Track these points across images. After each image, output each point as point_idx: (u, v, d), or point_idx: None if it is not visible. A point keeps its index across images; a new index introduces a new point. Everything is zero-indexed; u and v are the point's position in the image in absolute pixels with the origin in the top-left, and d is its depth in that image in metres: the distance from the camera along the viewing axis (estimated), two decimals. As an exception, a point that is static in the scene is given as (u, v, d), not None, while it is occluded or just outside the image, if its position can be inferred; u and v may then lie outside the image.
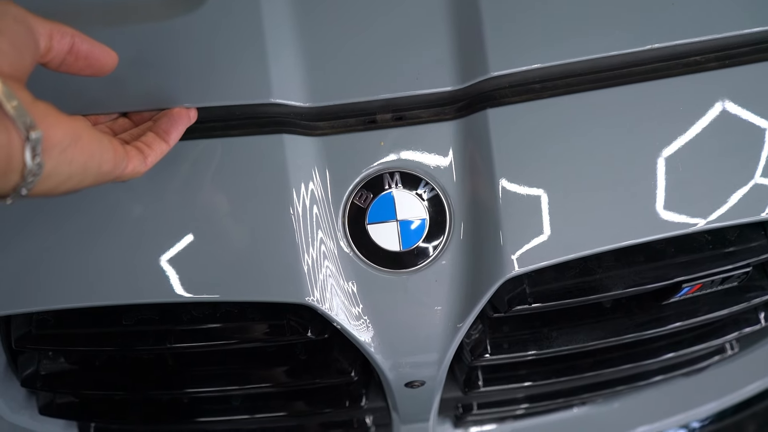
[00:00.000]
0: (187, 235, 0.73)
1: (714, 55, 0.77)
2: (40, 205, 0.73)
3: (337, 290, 0.74)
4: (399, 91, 0.75)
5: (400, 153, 0.74)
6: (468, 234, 0.74)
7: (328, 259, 0.74)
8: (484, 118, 0.73)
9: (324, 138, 0.74)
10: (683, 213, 0.74)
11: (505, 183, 0.72)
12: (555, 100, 0.73)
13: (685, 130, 0.74)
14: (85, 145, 0.55)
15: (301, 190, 0.73)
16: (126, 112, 0.73)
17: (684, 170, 0.74)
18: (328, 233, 0.74)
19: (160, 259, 0.72)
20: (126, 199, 0.73)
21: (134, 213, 0.73)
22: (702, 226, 0.74)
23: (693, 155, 0.74)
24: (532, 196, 0.73)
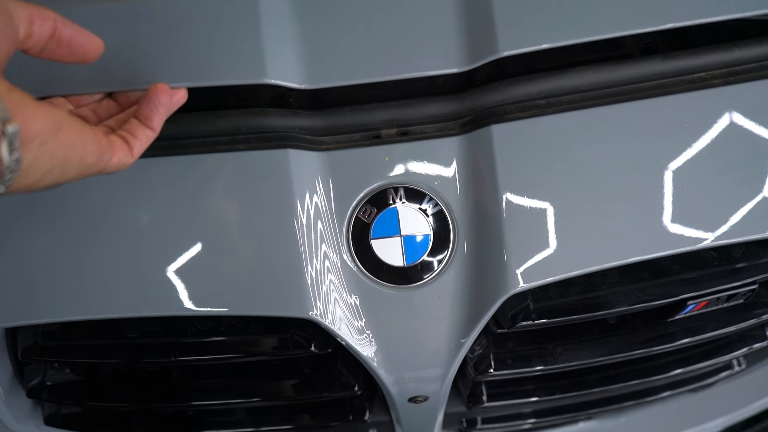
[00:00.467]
0: (193, 249, 0.73)
1: (719, 72, 0.77)
2: (48, 217, 0.74)
3: (340, 304, 0.74)
4: (402, 72, 0.72)
5: (405, 168, 0.75)
6: (472, 249, 0.74)
7: (332, 274, 0.74)
8: (488, 133, 0.73)
9: (329, 153, 0.75)
10: (689, 230, 0.74)
11: (509, 199, 0.72)
12: (559, 116, 0.74)
13: (690, 147, 0.74)
14: (66, 137, 0.52)
15: (306, 205, 0.73)
16: (111, 93, 0.70)
17: (689, 187, 0.74)
18: (332, 248, 0.74)
19: (165, 273, 0.73)
20: (133, 213, 0.74)
21: (141, 226, 0.73)
22: (708, 244, 0.74)
23: (698, 172, 0.74)
24: (537, 212, 0.73)
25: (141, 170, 0.73)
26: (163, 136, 0.74)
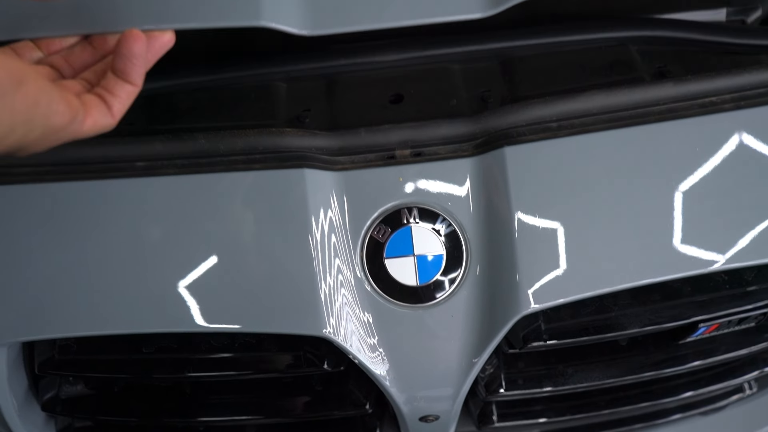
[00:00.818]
0: (208, 267, 0.74)
1: (729, 96, 0.77)
2: (65, 233, 0.75)
3: (353, 323, 0.75)
4: (416, 17, 0.67)
5: (419, 188, 0.76)
6: (484, 270, 0.75)
7: (346, 293, 0.75)
8: (501, 155, 0.74)
9: (344, 173, 0.76)
10: (700, 252, 0.74)
11: (522, 220, 0.73)
12: (572, 139, 0.75)
13: (702, 170, 0.75)
14: (30, 92, 0.47)
15: (321, 224, 0.74)
16: (87, 36, 0.61)
17: (700, 210, 0.74)
18: (346, 266, 0.75)
19: (181, 290, 0.74)
20: (149, 230, 0.75)
21: (157, 243, 0.75)
22: (719, 267, 0.74)
23: (709, 195, 0.75)
24: (549, 234, 0.73)
25: (160, 188, 0.75)
26: (182, 155, 0.76)
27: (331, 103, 0.83)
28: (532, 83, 0.83)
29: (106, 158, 0.76)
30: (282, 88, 0.85)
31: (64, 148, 0.76)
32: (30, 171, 0.77)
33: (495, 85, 0.83)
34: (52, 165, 0.77)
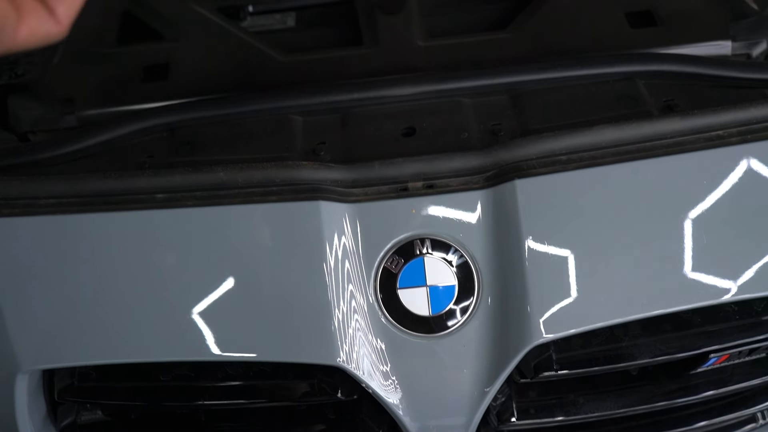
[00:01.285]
0: (225, 297, 0.76)
1: (736, 130, 0.79)
2: (85, 262, 0.77)
3: (367, 352, 0.76)
4: None
5: (431, 220, 0.77)
6: (496, 300, 0.76)
7: (360, 323, 0.76)
8: (512, 188, 0.76)
9: (358, 205, 0.78)
10: (711, 284, 0.75)
11: (533, 251, 0.75)
12: (581, 172, 0.76)
13: (710, 203, 0.76)
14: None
15: (336, 255, 0.76)
16: None
17: (710, 241, 0.76)
18: (359, 296, 0.76)
19: (197, 319, 0.76)
20: (167, 260, 0.77)
21: (175, 273, 0.77)
22: (730, 298, 0.75)
23: (718, 227, 0.76)
24: (559, 265, 0.75)
25: (179, 220, 0.77)
26: (201, 187, 0.79)
27: (346, 136, 0.85)
28: (542, 117, 0.85)
29: (126, 190, 0.79)
30: (298, 121, 0.88)
31: (87, 180, 0.79)
32: (54, 203, 0.79)
33: (505, 118, 0.85)
34: (75, 197, 0.79)
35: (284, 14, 1.11)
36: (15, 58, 1.01)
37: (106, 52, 1.02)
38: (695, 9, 0.98)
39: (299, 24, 1.10)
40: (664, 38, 0.94)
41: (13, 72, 0.99)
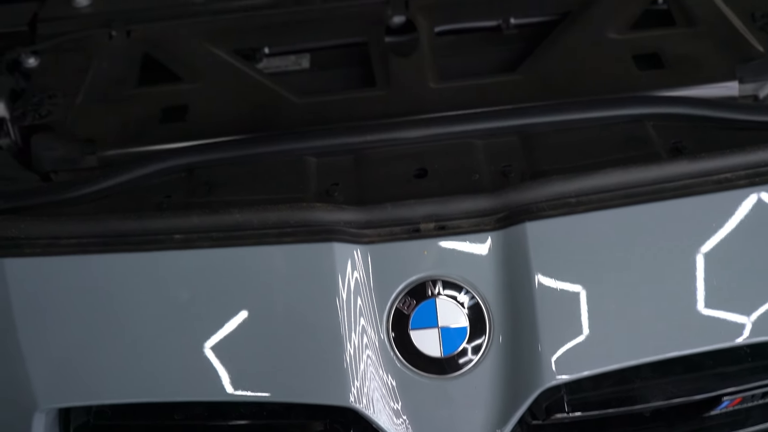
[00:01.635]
0: (240, 337, 0.77)
1: (744, 173, 0.80)
2: (100, 302, 0.79)
3: (379, 392, 0.77)
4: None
5: (443, 261, 0.78)
6: (507, 342, 0.77)
7: (372, 363, 0.77)
8: (522, 230, 0.77)
9: (371, 246, 0.79)
10: (723, 326, 0.76)
11: (543, 293, 0.75)
12: (590, 215, 0.77)
13: (720, 246, 0.77)
14: None
15: (348, 296, 0.77)
16: None
17: (721, 284, 0.76)
18: (372, 337, 0.77)
19: (210, 359, 0.77)
20: (183, 300, 0.79)
21: (190, 314, 0.78)
22: (742, 341, 0.75)
23: (729, 270, 0.76)
24: (570, 308, 0.75)
25: (195, 260, 0.79)
26: (218, 228, 0.80)
27: (359, 177, 0.87)
28: (552, 158, 0.86)
29: (145, 231, 0.81)
30: (312, 162, 0.90)
31: (106, 221, 0.82)
32: (75, 242, 0.81)
33: (516, 159, 0.87)
34: (96, 237, 0.81)
35: (299, 56, 1.14)
36: (39, 100, 1.05)
37: (127, 93, 1.05)
38: (702, 52, 1.00)
39: (314, 65, 1.12)
40: (671, 80, 0.96)
41: (37, 113, 1.02)
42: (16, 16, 1.22)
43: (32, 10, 1.22)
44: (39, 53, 1.14)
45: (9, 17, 1.22)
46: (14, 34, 1.18)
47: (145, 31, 1.16)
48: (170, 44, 1.13)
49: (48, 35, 1.17)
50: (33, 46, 1.15)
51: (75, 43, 1.15)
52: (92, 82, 1.08)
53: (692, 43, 1.02)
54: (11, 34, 1.18)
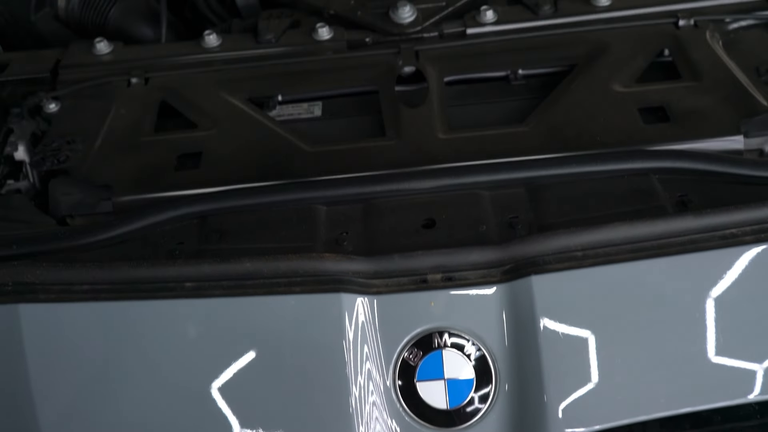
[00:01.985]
0: (248, 385, 0.78)
1: (749, 228, 0.80)
2: (116, 349, 0.80)
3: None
4: None
5: (449, 313, 0.79)
6: (513, 394, 0.77)
7: (378, 413, 0.77)
8: (528, 284, 0.78)
9: (378, 296, 0.80)
10: (732, 383, 0.76)
11: (549, 347, 0.76)
12: (596, 269, 0.78)
13: (727, 302, 0.77)
14: None
15: (356, 346, 0.78)
16: None
17: (728, 341, 0.76)
18: (379, 388, 0.78)
19: (221, 406, 0.78)
20: (191, 347, 0.80)
21: (199, 361, 0.79)
22: (753, 398, 0.75)
23: (736, 327, 0.77)
24: (577, 362, 0.76)
25: (206, 309, 0.80)
26: (229, 277, 0.82)
27: (368, 227, 0.88)
28: (558, 210, 0.87)
29: (157, 278, 0.82)
30: (322, 211, 0.91)
31: (120, 269, 0.83)
32: (88, 289, 0.83)
33: (522, 211, 0.88)
34: (109, 284, 0.83)
35: (311, 104, 1.17)
36: (59, 146, 1.07)
37: (143, 140, 1.08)
38: (707, 105, 1.02)
39: (325, 113, 1.15)
40: (677, 134, 0.98)
41: (56, 159, 1.05)
42: (39, 62, 1.26)
43: (55, 57, 1.26)
44: (60, 99, 1.17)
45: (33, 63, 1.26)
46: (37, 80, 1.22)
47: (162, 79, 1.19)
48: (186, 92, 1.16)
49: (69, 81, 1.21)
50: (54, 92, 1.19)
51: (95, 89, 1.19)
52: (110, 128, 1.11)
53: (697, 97, 1.03)
54: (34, 80, 1.22)
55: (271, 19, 1.28)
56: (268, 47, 1.23)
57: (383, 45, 1.21)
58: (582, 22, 1.21)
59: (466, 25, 1.22)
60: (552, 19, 1.22)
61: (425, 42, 1.21)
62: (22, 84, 1.21)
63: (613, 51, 1.13)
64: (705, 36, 1.14)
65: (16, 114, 1.14)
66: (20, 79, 1.22)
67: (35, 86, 1.20)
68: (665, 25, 1.17)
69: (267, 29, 1.25)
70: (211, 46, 1.25)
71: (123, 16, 1.43)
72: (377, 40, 1.22)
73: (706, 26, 1.16)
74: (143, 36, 1.42)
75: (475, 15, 1.23)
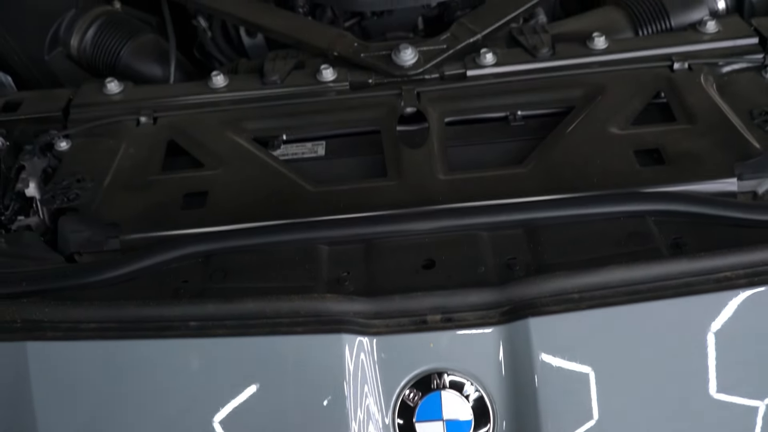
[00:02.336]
0: (249, 423, 0.79)
1: (743, 272, 0.82)
2: (122, 387, 0.82)
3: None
4: None
5: (448, 354, 0.81)
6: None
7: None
8: (525, 326, 0.79)
9: (378, 337, 0.81)
10: (726, 427, 0.77)
11: (547, 388, 0.77)
12: (592, 312, 0.80)
13: (721, 346, 0.78)
14: None
15: (356, 386, 0.79)
16: None
17: (724, 384, 0.77)
18: (378, 429, 0.79)
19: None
20: (195, 386, 0.81)
21: (202, 400, 0.80)
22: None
23: (731, 371, 0.78)
24: (574, 403, 0.77)
25: (210, 348, 0.82)
26: (232, 316, 0.84)
27: (369, 267, 0.90)
28: (555, 252, 0.89)
29: (162, 317, 0.84)
30: (324, 250, 0.93)
31: (125, 308, 0.85)
32: (95, 327, 0.84)
33: (521, 252, 0.90)
34: (115, 322, 0.85)
35: (315, 143, 1.20)
36: (68, 184, 1.10)
37: (151, 179, 1.11)
38: (702, 148, 1.04)
39: (329, 153, 1.18)
40: (672, 176, 1.00)
41: (66, 197, 1.08)
42: (51, 101, 1.30)
43: (67, 96, 1.30)
44: (71, 137, 1.21)
45: (45, 102, 1.30)
46: (49, 119, 1.26)
47: (170, 119, 1.23)
48: (193, 131, 1.19)
49: (80, 120, 1.24)
50: (66, 130, 1.22)
51: (105, 128, 1.22)
52: (119, 166, 1.14)
53: (692, 140, 1.06)
54: (46, 119, 1.26)
55: (276, 60, 1.32)
56: (273, 88, 1.27)
57: (385, 86, 1.25)
58: (579, 64, 1.24)
59: (466, 67, 1.26)
60: (550, 61, 1.25)
61: (426, 83, 1.24)
62: (35, 122, 1.25)
63: (610, 93, 1.16)
64: (699, 79, 1.17)
65: (28, 151, 1.17)
66: (33, 118, 1.26)
67: (47, 124, 1.24)
68: (660, 68, 1.21)
69: (273, 70, 1.29)
70: (219, 87, 1.28)
71: (133, 56, 1.47)
72: (380, 81, 1.26)
73: (700, 69, 1.19)
74: (153, 74, 1.46)
75: (475, 57, 1.26)
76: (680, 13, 1.37)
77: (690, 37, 1.26)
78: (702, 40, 1.24)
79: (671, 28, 1.36)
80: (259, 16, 1.42)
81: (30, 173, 1.14)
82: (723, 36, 1.24)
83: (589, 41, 1.26)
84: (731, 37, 1.24)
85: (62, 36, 1.49)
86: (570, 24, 1.40)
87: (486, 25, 1.31)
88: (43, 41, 1.48)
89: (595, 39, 1.26)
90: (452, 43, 1.29)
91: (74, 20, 1.49)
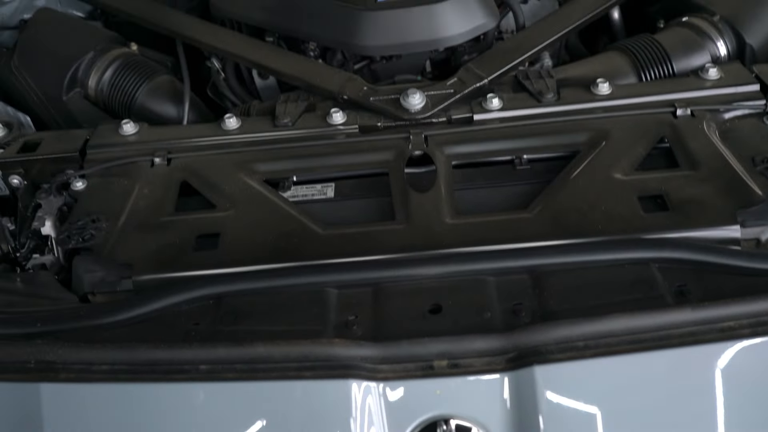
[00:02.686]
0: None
1: (747, 321, 0.83)
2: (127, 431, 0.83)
3: None
4: None
5: (454, 401, 0.82)
6: (517, 485, 0.78)
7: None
8: (530, 373, 0.80)
9: (386, 383, 0.83)
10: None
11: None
12: (597, 361, 0.81)
13: (726, 396, 0.79)
14: None
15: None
16: None
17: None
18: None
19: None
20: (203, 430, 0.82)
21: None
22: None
23: (736, 420, 0.78)
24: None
25: (220, 393, 0.83)
26: (242, 360, 0.85)
27: (376, 312, 0.92)
28: (561, 298, 0.90)
29: (173, 361, 0.86)
30: (333, 294, 0.95)
31: (137, 350, 0.87)
32: (107, 369, 0.86)
33: (526, 298, 0.91)
34: (126, 364, 0.86)
35: (324, 185, 1.22)
36: (84, 224, 1.13)
37: (164, 220, 1.13)
38: (705, 194, 1.06)
39: (338, 195, 1.20)
40: (675, 223, 1.01)
41: (81, 237, 1.10)
42: (69, 141, 1.33)
43: (84, 137, 1.34)
44: (87, 177, 1.24)
45: (63, 142, 1.33)
46: (66, 159, 1.29)
47: (183, 160, 1.26)
48: (206, 173, 1.22)
49: (96, 160, 1.28)
50: (82, 170, 1.25)
51: (120, 168, 1.25)
52: (133, 207, 1.16)
53: (695, 186, 1.07)
54: (63, 159, 1.29)
55: (288, 103, 1.35)
56: (284, 130, 1.30)
57: (394, 129, 1.28)
58: (583, 110, 1.26)
59: (473, 111, 1.28)
60: (555, 106, 1.28)
61: (434, 127, 1.27)
62: (53, 162, 1.28)
63: (614, 139, 1.19)
64: (702, 125, 1.19)
65: (45, 190, 1.20)
66: (50, 158, 1.29)
67: (64, 164, 1.27)
68: (663, 114, 1.23)
69: (284, 113, 1.32)
70: (231, 129, 1.32)
71: (148, 97, 1.51)
72: (388, 124, 1.29)
73: (703, 116, 1.21)
74: (167, 114, 1.50)
75: (482, 102, 1.29)
76: (682, 58, 1.40)
77: (692, 83, 1.29)
78: (704, 87, 1.27)
79: (674, 73, 1.39)
80: (272, 60, 1.46)
81: (46, 212, 1.17)
82: (725, 82, 1.27)
83: (593, 87, 1.29)
84: (733, 83, 1.27)
85: (80, 77, 1.54)
86: (574, 69, 1.43)
87: (492, 70, 1.35)
88: (62, 82, 1.52)
89: (599, 84, 1.29)
90: (459, 88, 1.32)
91: (92, 62, 1.54)
